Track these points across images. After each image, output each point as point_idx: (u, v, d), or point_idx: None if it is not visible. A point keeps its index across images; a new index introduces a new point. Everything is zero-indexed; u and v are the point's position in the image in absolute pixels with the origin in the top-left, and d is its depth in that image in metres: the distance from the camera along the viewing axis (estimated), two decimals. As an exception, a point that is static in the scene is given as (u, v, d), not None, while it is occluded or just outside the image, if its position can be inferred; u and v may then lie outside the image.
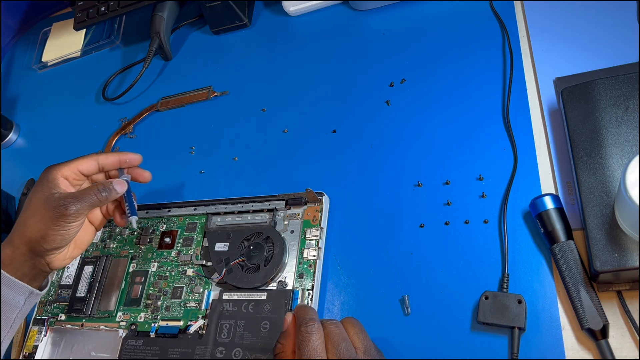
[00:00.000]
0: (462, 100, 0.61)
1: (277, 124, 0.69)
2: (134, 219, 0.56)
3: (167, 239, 0.64)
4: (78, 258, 0.67)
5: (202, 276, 0.60)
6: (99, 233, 0.68)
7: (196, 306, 0.58)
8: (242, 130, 0.71)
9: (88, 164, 0.54)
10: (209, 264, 0.60)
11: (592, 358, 0.45)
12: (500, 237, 0.52)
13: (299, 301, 0.54)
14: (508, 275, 0.49)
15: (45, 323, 0.64)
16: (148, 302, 0.61)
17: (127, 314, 0.61)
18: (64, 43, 0.94)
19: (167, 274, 0.62)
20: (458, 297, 0.51)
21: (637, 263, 0.42)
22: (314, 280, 0.55)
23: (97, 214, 0.56)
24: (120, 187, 0.54)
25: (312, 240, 0.57)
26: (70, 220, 0.50)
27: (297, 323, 0.44)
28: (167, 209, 0.66)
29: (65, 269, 0.67)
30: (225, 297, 0.57)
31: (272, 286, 0.56)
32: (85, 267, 0.66)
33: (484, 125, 0.58)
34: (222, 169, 0.69)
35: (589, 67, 0.56)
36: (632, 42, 0.56)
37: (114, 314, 0.61)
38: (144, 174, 0.57)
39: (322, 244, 0.57)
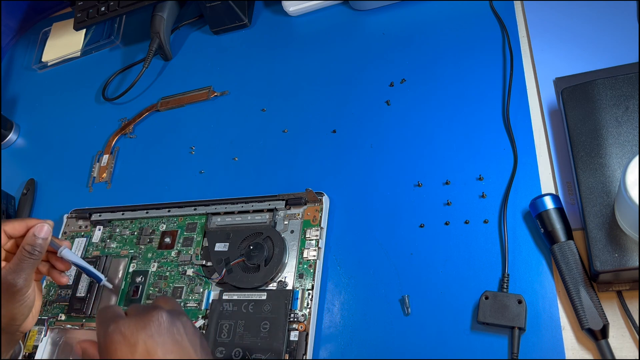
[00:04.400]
0: (462, 100, 0.61)
1: (277, 124, 0.69)
2: (106, 284, 0.60)
3: (167, 239, 0.64)
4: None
5: (202, 276, 0.60)
6: (99, 233, 0.68)
7: (196, 306, 0.58)
8: (242, 130, 0.71)
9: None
10: (209, 264, 0.60)
11: (592, 358, 0.45)
12: (500, 237, 0.52)
13: (299, 301, 0.54)
14: (508, 275, 0.49)
15: (45, 323, 0.64)
16: (148, 302, 0.61)
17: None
18: (64, 43, 0.94)
19: (167, 274, 0.62)
20: (458, 297, 0.51)
21: (637, 263, 0.42)
22: (314, 280, 0.55)
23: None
24: (41, 231, 0.51)
25: (312, 240, 0.57)
26: (25, 291, 0.50)
27: None
28: (167, 209, 0.66)
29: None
30: (225, 297, 0.57)
31: (272, 286, 0.56)
32: (85, 267, 0.66)
33: (484, 125, 0.58)
34: (222, 169, 0.69)
35: (589, 67, 0.56)
36: (632, 42, 0.56)
37: (114, 314, 0.61)
38: (61, 279, 0.55)
39: (322, 244, 0.57)
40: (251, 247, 0.57)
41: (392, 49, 0.68)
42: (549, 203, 0.49)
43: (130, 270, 0.64)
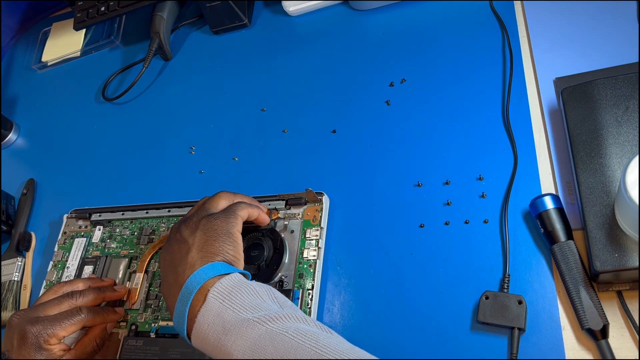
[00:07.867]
0: (462, 100, 0.61)
1: (277, 124, 0.69)
2: None
3: (167, 239, 0.64)
4: (78, 258, 0.67)
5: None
6: (99, 233, 0.68)
7: (196, 306, 0.58)
8: (242, 130, 0.71)
9: (72, 330, 0.51)
10: (209, 264, 0.60)
11: (592, 358, 0.45)
12: (501, 237, 0.52)
13: (299, 301, 0.54)
14: (509, 275, 0.49)
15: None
16: (148, 302, 0.61)
17: (127, 314, 0.61)
18: (64, 43, 0.94)
19: (167, 274, 0.62)
20: (458, 297, 0.51)
21: (637, 263, 0.42)
22: (314, 280, 0.55)
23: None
24: (115, 315, 0.57)
25: (312, 240, 0.57)
26: None
27: None
28: (167, 209, 0.66)
29: (65, 269, 0.67)
30: (225, 297, 0.57)
31: (272, 286, 0.56)
32: (85, 267, 0.66)
33: (484, 125, 0.58)
34: (222, 169, 0.69)
35: (589, 67, 0.56)
36: (632, 42, 0.56)
37: (114, 314, 0.61)
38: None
39: (322, 244, 0.57)
40: (251, 247, 0.57)
41: (392, 49, 0.68)
42: (549, 203, 0.49)
43: (130, 270, 0.64)
